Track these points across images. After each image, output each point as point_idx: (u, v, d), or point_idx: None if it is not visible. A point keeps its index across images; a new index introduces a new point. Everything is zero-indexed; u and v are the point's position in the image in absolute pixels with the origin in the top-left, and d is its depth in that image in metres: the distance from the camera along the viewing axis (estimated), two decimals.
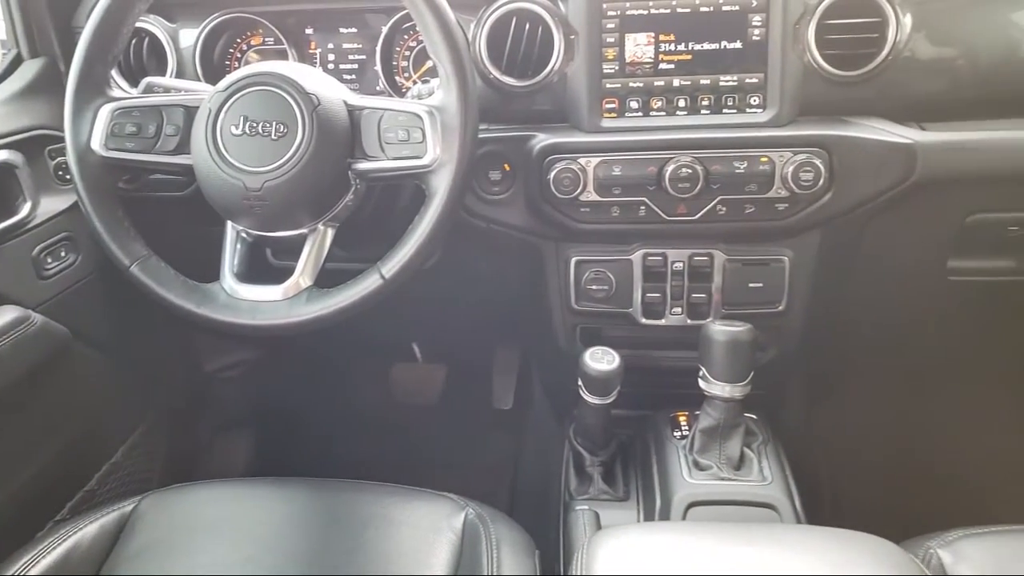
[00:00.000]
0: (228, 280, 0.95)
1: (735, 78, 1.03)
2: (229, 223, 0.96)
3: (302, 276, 0.93)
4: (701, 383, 1.03)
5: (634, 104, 1.05)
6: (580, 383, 1.06)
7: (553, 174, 1.04)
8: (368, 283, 0.91)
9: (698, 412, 1.07)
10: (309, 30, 1.20)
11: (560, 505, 1.13)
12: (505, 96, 1.06)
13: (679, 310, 1.11)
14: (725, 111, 1.04)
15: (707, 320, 1.08)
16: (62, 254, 1.14)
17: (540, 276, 1.16)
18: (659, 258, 1.10)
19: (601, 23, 1.03)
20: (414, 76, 1.19)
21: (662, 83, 1.04)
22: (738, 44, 1.02)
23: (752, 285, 1.09)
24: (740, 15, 1.01)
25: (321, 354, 1.75)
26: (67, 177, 1.14)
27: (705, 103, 1.04)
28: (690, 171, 1.01)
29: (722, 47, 1.02)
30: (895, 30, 0.98)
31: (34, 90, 1.16)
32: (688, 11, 1.02)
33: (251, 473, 1.65)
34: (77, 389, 1.21)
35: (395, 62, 1.19)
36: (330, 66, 1.21)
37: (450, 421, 1.80)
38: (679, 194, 1.02)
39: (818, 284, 1.10)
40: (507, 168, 1.08)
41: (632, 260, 1.10)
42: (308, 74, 0.91)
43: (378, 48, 1.16)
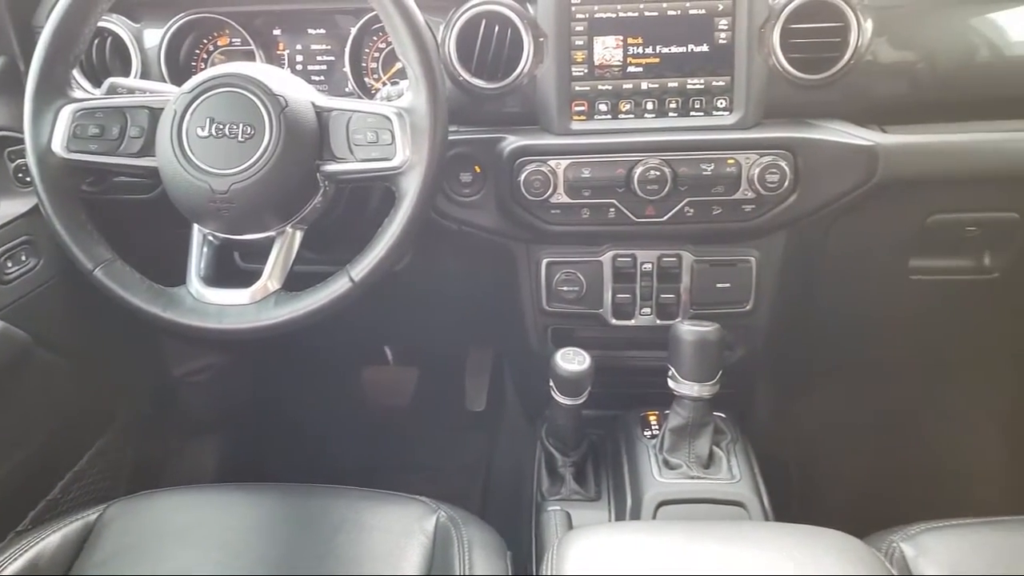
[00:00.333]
0: (195, 284, 0.94)
1: (702, 81, 1.04)
2: (196, 226, 0.95)
3: (270, 279, 0.92)
4: (670, 383, 1.04)
5: (603, 107, 1.06)
6: (552, 384, 1.06)
7: (523, 176, 1.04)
8: (337, 286, 0.90)
9: (668, 411, 1.08)
10: (277, 31, 1.19)
11: (532, 506, 1.14)
12: (475, 98, 1.06)
13: (648, 311, 1.12)
14: (692, 114, 1.05)
15: (676, 320, 1.09)
16: (22, 258, 1.11)
17: (512, 278, 1.17)
18: (629, 259, 1.11)
19: (570, 26, 1.03)
20: (383, 78, 1.19)
21: (630, 86, 1.05)
22: (705, 47, 1.03)
23: (720, 285, 1.10)
24: (706, 19, 1.02)
25: (291, 357, 1.73)
26: (27, 179, 1.12)
27: (673, 106, 1.05)
28: (658, 173, 1.02)
29: (689, 50, 1.03)
30: (857, 35, 1.00)
31: None
32: (656, 14, 1.03)
33: (221, 479, 1.62)
34: (39, 396, 1.18)
35: (364, 63, 1.19)
36: (298, 67, 1.19)
37: (422, 423, 1.80)
38: (647, 196, 1.03)
39: (784, 284, 1.12)
40: (478, 170, 1.08)
41: (602, 261, 1.11)
42: (275, 75, 0.90)
43: (347, 49, 1.15)
